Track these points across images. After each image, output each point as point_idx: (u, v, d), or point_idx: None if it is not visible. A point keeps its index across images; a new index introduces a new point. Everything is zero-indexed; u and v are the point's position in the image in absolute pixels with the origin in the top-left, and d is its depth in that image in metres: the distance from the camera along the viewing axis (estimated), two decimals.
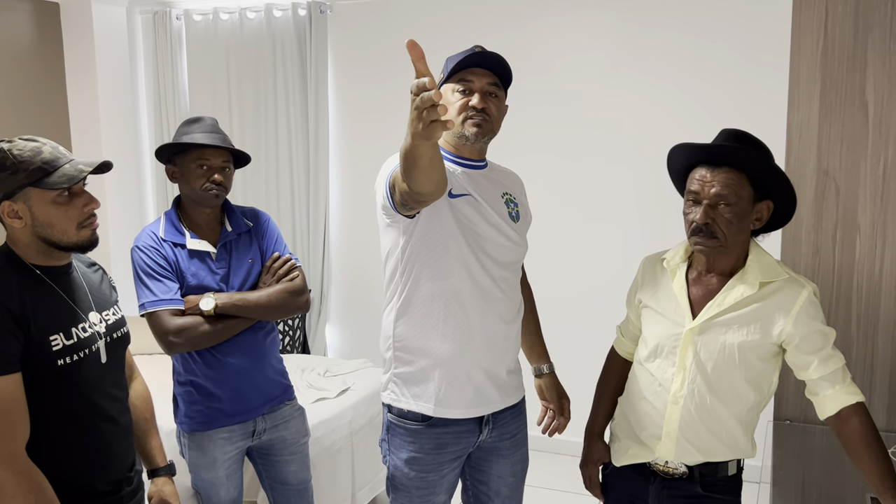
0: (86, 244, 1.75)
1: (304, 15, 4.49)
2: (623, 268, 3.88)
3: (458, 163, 2.02)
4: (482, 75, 1.97)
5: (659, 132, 3.88)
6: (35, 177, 1.65)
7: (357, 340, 4.79)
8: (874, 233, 2.43)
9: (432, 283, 1.96)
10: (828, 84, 2.43)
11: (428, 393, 2.00)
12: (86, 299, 1.80)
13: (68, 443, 1.72)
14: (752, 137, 1.84)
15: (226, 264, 2.35)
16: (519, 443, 2.18)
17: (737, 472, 1.94)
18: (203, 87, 4.80)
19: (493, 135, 2.02)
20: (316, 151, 4.57)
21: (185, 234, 2.32)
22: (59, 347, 1.67)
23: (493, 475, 2.15)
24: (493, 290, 2.00)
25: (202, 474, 2.38)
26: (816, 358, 1.80)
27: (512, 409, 2.13)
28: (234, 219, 2.42)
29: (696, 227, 1.81)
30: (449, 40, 4.21)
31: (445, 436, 2.03)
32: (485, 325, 1.99)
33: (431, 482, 2.05)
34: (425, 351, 1.99)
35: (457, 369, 1.99)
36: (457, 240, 1.94)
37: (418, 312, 1.99)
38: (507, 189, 2.10)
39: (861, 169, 2.42)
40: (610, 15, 3.94)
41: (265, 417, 2.42)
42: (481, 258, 1.97)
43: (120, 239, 4.61)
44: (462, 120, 1.96)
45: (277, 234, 2.50)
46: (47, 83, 4.46)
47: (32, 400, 1.65)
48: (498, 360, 2.04)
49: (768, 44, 3.63)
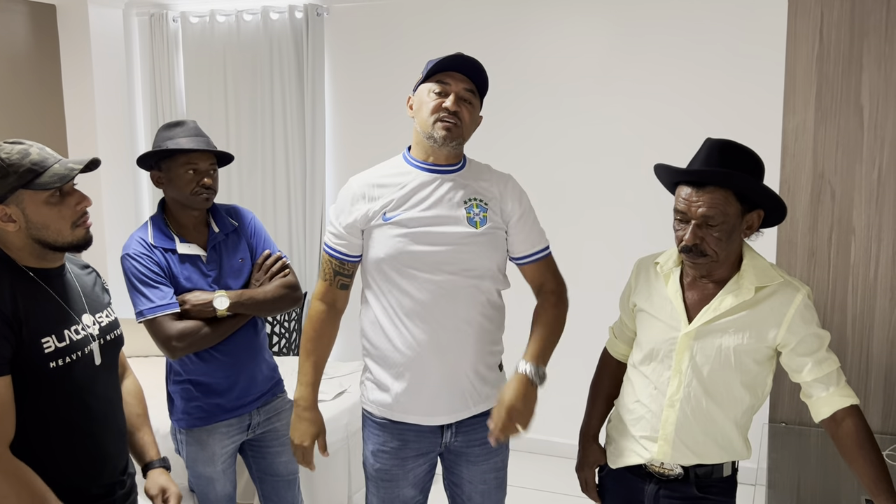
0: (81, 243, 1.74)
1: (301, 17, 4.49)
2: (619, 268, 3.88)
3: (427, 169, 2.04)
4: (460, 80, 2.00)
5: (655, 134, 3.89)
6: (26, 178, 1.64)
7: (352, 343, 4.77)
8: (869, 236, 2.44)
9: (380, 298, 2.05)
10: (823, 88, 2.44)
11: (386, 398, 2.07)
12: (79, 301, 1.80)
13: (62, 445, 1.71)
14: (738, 149, 1.81)
15: (216, 266, 2.38)
16: (491, 451, 2.14)
17: (732, 474, 1.95)
18: (199, 90, 4.79)
19: (463, 140, 2.03)
20: (312, 154, 4.57)
21: (174, 239, 2.33)
22: (51, 350, 1.67)
23: (464, 479, 2.17)
24: (441, 297, 1.99)
25: (199, 469, 2.42)
26: (811, 360, 1.81)
27: (480, 417, 2.10)
28: (220, 219, 2.44)
29: (685, 247, 1.81)
30: (444, 43, 4.22)
31: (408, 433, 2.09)
32: (434, 334, 2.00)
33: (395, 475, 2.11)
34: (384, 358, 2.06)
35: (410, 378, 2.03)
36: (393, 259, 2.00)
37: (377, 320, 2.07)
38: (477, 194, 2.05)
39: (856, 172, 2.43)
40: (606, 18, 3.95)
41: (259, 411, 2.48)
42: (421, 271, 1.98)
43: (116, 241, 4.60)
44: (433, 121, 1.97)
45: (265, 232, 2.54)
46: (44, 85, 4.45)
47: (25, 402, 1.65)
48: (453, 369, 2.03)
49: (764, 47, 3.64)
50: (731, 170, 1.76)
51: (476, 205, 2.04)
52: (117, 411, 1.87)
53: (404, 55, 4.36)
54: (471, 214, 2.02)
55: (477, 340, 2.05)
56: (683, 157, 1.97)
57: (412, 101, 2.07)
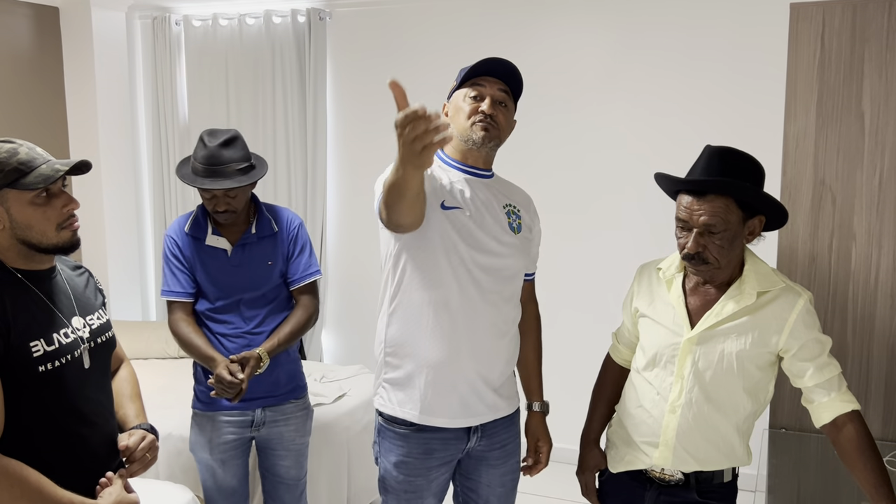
0: (66, 245, 1.72)
1: (304, 21, 4.50)
2: (622, 273, 3.88)
3: (463, 170, 2.05)
4: (494, 83, 2.02)
5: (657, 139, 3.89)
6: (11, 178, 1.63)
7: (353, 346, 4.79)
8: (870, 242, 2.44)
9: (422, 291, 1.99)
10: (824, 94, 2.44)
11: (414, 399, 2.02)
12: (69, 304, 1.77)
13: (51, 449, 1.69)
14: (738, 156, 1.81)
15: (239, 261, 2.48)
16: (510, 453, 2.16)
17: (732, 479, 1.95)
18: (201, 93, 4.80)
19: (499, 143, 2.04)
20: (314, 158, 4.57)
21: (206, 230, 2.49)
22: (39, 353, 1.64)
23: (482, 483, 2.15)
24: (482, 300, 2.00)
25: (199, 453, 2.53)
26: (812, 366, 1.81)
27: (503, 420, 2.12)
28: (262, 222, 2.53)
29: (688, 255, 1.81)
30: (447, 47, 4.23)
31: (433, 441, 2.04)
32: (473, 335, 2.00)
33: (419, 486, 2.07)
34: (413, 357, 2.01)
35: (442, 378, 2.00)
36: (446, 251, 1.96)
37: (408, 318, 2.01)
38: (511, 201, 2.11)
39: (857, 178, 2.44)
40: (608, 24, 3.96)
41: (265, 410, 2.50)
42: (471, 269, 1.98)
43: (116, 242, 4.61)
44: (471, 124, 1.99)
45: (309, 245, 2.61)
46: (46, 88, 4.46)
47: (14, 406, 1.62)
48: (486, 372, 2.04)
49: (766, 53, 3.65)
50: (731, 177, 1.76)
51: (512, 211, 2.09)
52: (108, 415, 1.84)
53: (406, 60, 4.36)
54: (510, 220, 2.08)
55: (509, 342, 2.10)
56: (686, 161, 1.97)
57: (447, 108, 2.09)
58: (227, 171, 2.39)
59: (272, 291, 2.52)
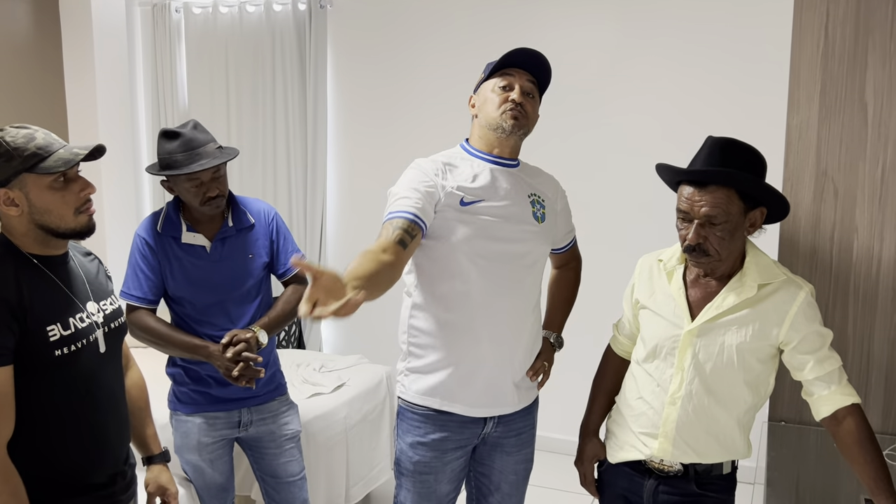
0: (83, 230, 1.74)
1: (304, 9, 4.47)
2: (623, 265, 3.87)
3: (488, 160, 2.08)
4: (523, 74, 2.06)
5: (660, 131, 3.88)
6: (30, 162, 1.64)
7: (353, 336, 4.78)
8: (872, 234, 2.43)
9: (443, 282, 2.03)
10: (828, 85, 2.42)
11: (434, 388, 2.06)
12: (83, 289, 1.79)
13: (65, 433, 1.71)
14: (739, 147, 1.80)
15: (219, 257, 2.38)
16: (524, 442, 2.20)
17: (731, 471, 1.95)
18: (201, 81, 4.78)
19: (527, 132, 2.09)
20: (314, 147, 4.55)
21: (181, 228, 2.36)
22: (56, 338, 1.66)
23: (495, 469, 2.19)
24: (503, 291, 2.03)
25: (186, 456, 2.46)
26: (813, 358, 1.80)
27: (521, 410, 2.16)
28: (237, 214, 2.44)
29: (688, 246, 1.80)
30: (449, 36, 4.20)
31: (450, 424, 2.08)
32: (493, 326, 2.03)
33: (434, 468, 2.10)
34: (434, 346, 2.05)
35: (463, 368, 2.04)
36: (465, 245, 1.99)
37: (430, 308, 2.05)
38: (536, 190, 2.14)
39: (860, 170, 2.42)
40: (610, 17, 3.94)
41: (251, 410, 2.47)
42: (492, 261, 2.01)
43: (117, 230, 4.59)
44: (500, 112, 2.02)
45: (287, 232, 2.54)
46: (45, 75, 4.44)
47: (30, 391, 1.64)
48: (507, 362, 2.07)
49: (769, 44, 3.63)
50: (732, 168, 1.75)
51: (536, 200, 2.12)
52: (120, 399, 1.87)
53: (407, 48, 4.34)
54: (535, 209, 2.10)
55: (530, 333, 2.12)
56: (688, 153, 1.95)
57: (474, 100, 2.13)
58: (209, 150, 2.28)
59: (256, 287, 2.44)
